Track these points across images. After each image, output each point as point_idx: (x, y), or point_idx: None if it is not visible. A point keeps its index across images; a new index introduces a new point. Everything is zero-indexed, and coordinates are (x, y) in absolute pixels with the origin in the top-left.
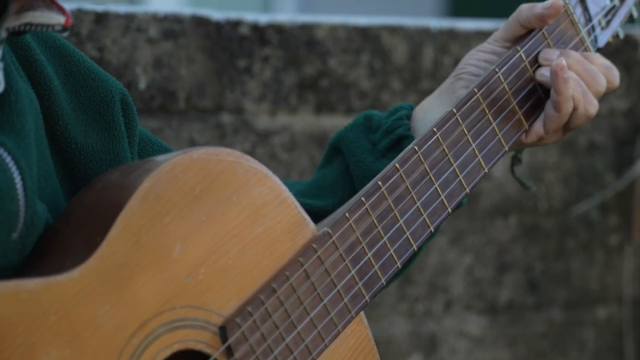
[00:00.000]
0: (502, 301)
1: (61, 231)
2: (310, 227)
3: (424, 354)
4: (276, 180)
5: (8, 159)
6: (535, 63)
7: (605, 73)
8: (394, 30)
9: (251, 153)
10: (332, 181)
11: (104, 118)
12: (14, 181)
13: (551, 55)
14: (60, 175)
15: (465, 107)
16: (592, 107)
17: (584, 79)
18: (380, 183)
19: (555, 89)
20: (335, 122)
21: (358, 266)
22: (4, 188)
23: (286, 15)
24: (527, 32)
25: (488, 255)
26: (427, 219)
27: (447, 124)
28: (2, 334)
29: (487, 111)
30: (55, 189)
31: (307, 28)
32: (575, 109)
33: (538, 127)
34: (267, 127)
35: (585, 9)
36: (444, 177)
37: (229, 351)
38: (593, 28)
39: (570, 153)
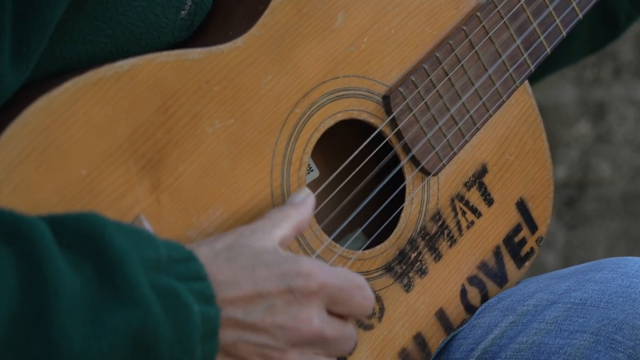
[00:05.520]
0: None
1: (223, 0)
2: None
3: (592, 121)
4: None
5: None
6: None
7: None
8: None
9: None
10: None
11: None
12: None
13: None
14: None
15: None
16: None
17: None
18: None
19: None
20: None
21: (523, 35)
22: None
23: None
24: None
25: None
26: None
27: None
28: (166, 104)
29: None
30: None
31: None
32: None
33: None
34: None
35: None
36: None
37: (393, 121)
38: None
39: None
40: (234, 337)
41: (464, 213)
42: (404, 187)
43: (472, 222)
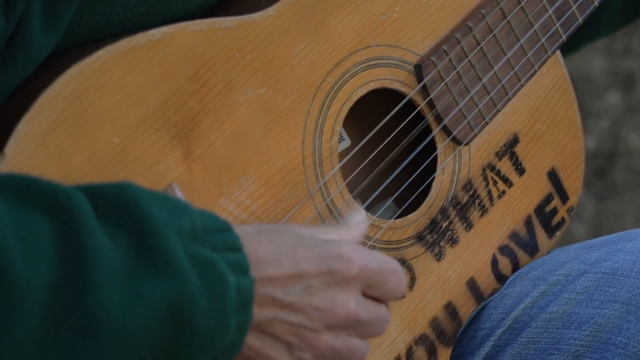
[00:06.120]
0: None
1: None
2: None
3: (622, 91)
4: None
5: None
6: None
7: None
8: None
9: None
10: None
11: None
12: None
13: None
14: None
15: None
16: None
17: None
18: None
19: None
20: None
21: (555, 5)
22: None
23: None
24: None
25: None
26: None
27: None
28: (199, 72)
29: None
30: None
31: None
32: None
33: None
34: None
35: None
36: None
37: (424, 90)
38: None
39: None
40: (270, 315)
41: (495, 182)
42: (436, 157)
43: (504, 192)
